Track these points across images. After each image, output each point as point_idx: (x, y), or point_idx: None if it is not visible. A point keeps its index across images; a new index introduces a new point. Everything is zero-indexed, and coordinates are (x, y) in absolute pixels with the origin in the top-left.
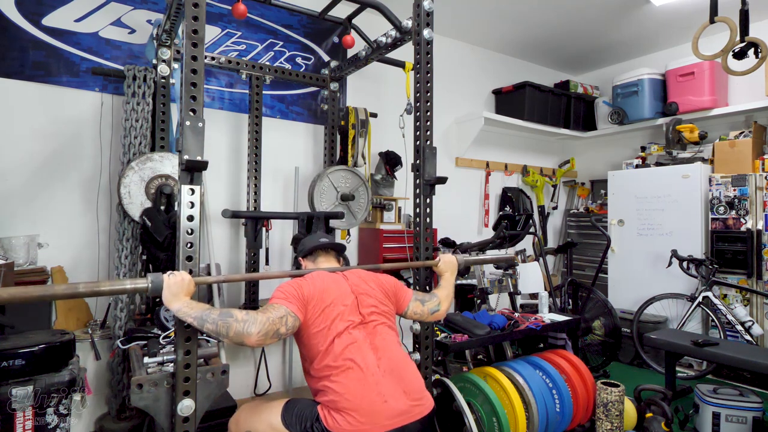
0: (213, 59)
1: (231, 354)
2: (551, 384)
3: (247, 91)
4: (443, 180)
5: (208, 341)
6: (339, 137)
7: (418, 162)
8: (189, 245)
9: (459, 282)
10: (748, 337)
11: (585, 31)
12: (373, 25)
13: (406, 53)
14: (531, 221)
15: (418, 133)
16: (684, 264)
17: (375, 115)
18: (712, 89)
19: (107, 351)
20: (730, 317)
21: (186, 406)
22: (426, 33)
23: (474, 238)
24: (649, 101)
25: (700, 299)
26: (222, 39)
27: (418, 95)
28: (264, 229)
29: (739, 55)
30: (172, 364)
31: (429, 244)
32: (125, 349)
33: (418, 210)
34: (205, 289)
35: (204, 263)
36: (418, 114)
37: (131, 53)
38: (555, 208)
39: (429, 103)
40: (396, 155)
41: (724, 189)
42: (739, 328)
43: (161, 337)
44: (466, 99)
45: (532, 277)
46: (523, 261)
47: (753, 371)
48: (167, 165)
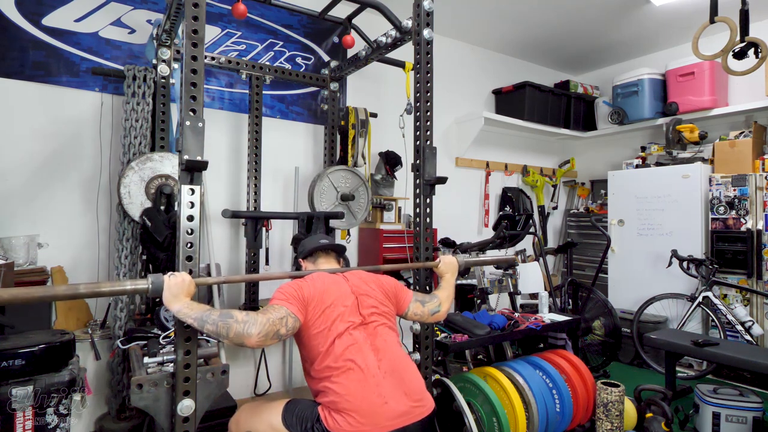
0: (213, 59)
1: (231, 354)
2: (551, 384)
3: (247, 91)
4: (443, 180)
5: (208, 341)
6: (339, 137)
7: (418, 162)
8: (189, 245)
9: (459, 282)
10: (748, 337)
11: (585, 31)
12: (373, 25)
13: (406, 53)
14: (531, 221)
15: (418, 133)
16: (684, 264)
17: (375, 115)
18: (712, 89)
19: (107, 351)
20: (730, 317)
21: (186, 406)
22: (426, 33)
23: (474, 238)
24: (649, 101)
25: (700, 299)
26: (222, 39)
27: (418, 95)
28: (264, 229)
29: (739, 55)
30: (172, 364)
31: (429, 244)
32: (125, 349)
33: (418, 210)
34: (205, 290)
35: (204, 263)
36: (418, 114)
37: (131, 53)
38: (555, 208)
39: (429, 103)
40: (396, 155)
41: (724, 189)
42: (739, 328)
43: (161, 337)
44: (466, 99)
45: (532, 277)
46: (523, 261)
47: (753, 371)
48: (167, 165)
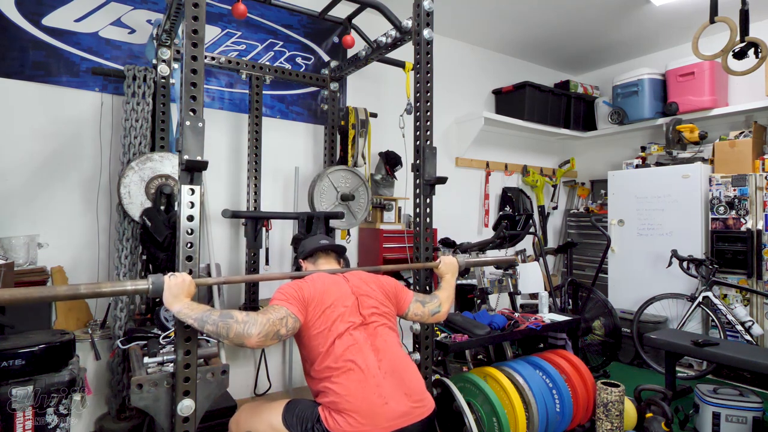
0: (213, 59)
1: (231, 354)
2: (551, 384)
3: (247, 91)
4: (443, 180)
5: (208, 341)
6: (339, 137)
7: (418, 162)
8: (189, 245)
9: (459, 282)
10: (748, 337)
11: (585, 31)
12: (373, 25)
13: (406, 53)
14: (531, 221)
15: (418, 133)
16: (684, 264)
17: (375, 115)
18: (712, 89)
19: (107, 351)
20: (730, 317)
21: (186, 406)
22: (426, 33)
23: (474, 238)
24: (649, 101)
25: (700, 299)
26: (222, 39)
27: (418, 95)
28: (264, 229)
29: (739, 55)
30: (172, 364)
31: (429, 244)
32: (125, 349)
33: (418, 210)
34: (205, 290)
35: (204, 263)
36: (418, 114)
37: (131, 53)
38: (555, 208)
39: (429, 103)
40: (396, 155)
41: (724, 189)
42: (739, 328)
43: (161, 337)
44: (466, 99)
45: (532, 277)
46: (523, 261)
47: (753, 371)
48: (167, 165)
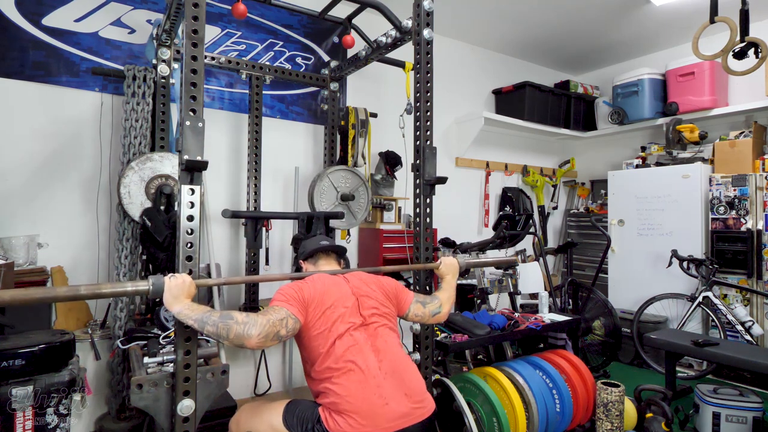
0: (213, 59)
1: (231, 354)
2: (551, 384)
3: (247, 91)
4: (443, 180)
5: (207, 341)
6: (339, 137)
7: (418, 162)
8: (189, 245)
9: (459, 282)
10: (748, 337)
11: (585, 31)
12: (373, 25)
13: (406, 53)
14: (531, 221)
15: (418, 133)
16: (684, 264)
17: (375, 115)
18: (712, 89)
19: (107, 351)
20: (730, 317)
21: (186, 406)
22: (426, 33)
23: (474, 238)
24: (649, 101)
25: (700, 299)
26: (222, 39)
27: (418, 95)
28: (264, 229)
29: (739, 55)
30: (172, 364)
31: (429, 244)
32: (125, 349)
33: (418, 210)
34: (205, 290)
35: (204, 263)
36: (418, 114)
37: (131, 53)
38: (555, 208)
39: (429, 103)
40: (396, 155)
41: (724, 189)
42: (739, 328)
43: (161, 337)
44: (466, 99)
45: (532, 277)
46: (523, 261)
47: (753, 371)
48: (167, 165)
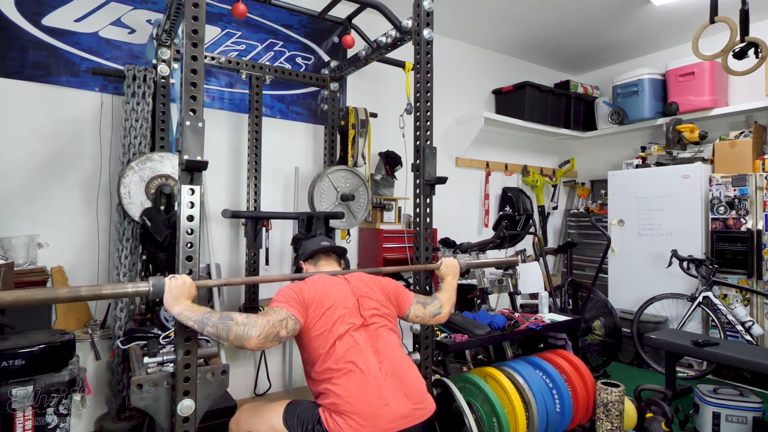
0: (213, 59)
1: (231, 354)
2: (551, 384)
3: (247, 91)
4: (443, 180)
5: (207, 341)
6: (339, 137)
7: (418, 162)
8: (189, 245)
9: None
10: (748, 337)
11: (585, 31)
12: (373, 25)
13: (406, 53)
14: (531, 221)
15: (418, 133)
16: (684, 264)
17: (375, 115)
18: (712, 89)
19: (107, 351)
20: (730, 317)
21: (186, 406)
22: (426, 33)
23: (474, 238)
24: (649, 101)
25: (700, 299)
26: (222, 39)
27: (418, 95)
28: (264, 229)
29: (739, 55)
30: (172, 364)
31: (429, 244)
32: (125, 349)
33: (418, 210)
34: (205, 290)
35: (204, 263)
36: (418, 114)
37: (131, 53)
38: (555, 208)
39: (429, 103)
40: (396, 155)
41: (724, 189)
42: (739, 328)
43: (161, 337)
44: (466, 99)
45: (532, 277)
46: (523, 261)
47: (753, 371)
48: (167, 165)
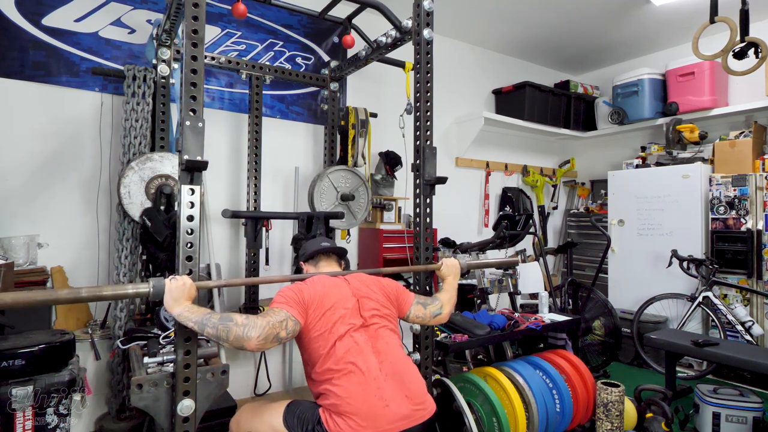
0: (213, 59)
1: (231, 354)
2: (551, 384)
3: (247, 91)
4: (443, 180)
5: (208, 341)
6: (339, 137)
7: (418, 162)
8: (189, 245)
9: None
10: (748, 337)
11: (585, 31)
12: (373, 25)
13: (406, 53)
14: (531, 221)
15: (418, 133)
16: (684, 264)
17: (375, 115)
18: (712, 89)
19: (107, 351)
20: (730, 317)
21: (186, 406)
22: (426, 33)
23: (474, 238)
24: (649, 101)
25: (700, 299)
26: (222, 39)
27: (418, 95)
28: (264, 229)
29: (739, 55)
30: (172, 364)
31: (429, 244)
32: (125, 349)
33: (418, 210)
34: (205, 290)
35: (204, 263)
36: (418, 114)
37: (131, 53)
38: (555, 208)
39: (429, 103)
40: (396, 155)
41: (724, 189)
42: (739, 328)
43: (161, 337)
44: (466, 99)
45: (532, 277)
46: (523, 261)
47: (753, 371)
48: (167, 165)
